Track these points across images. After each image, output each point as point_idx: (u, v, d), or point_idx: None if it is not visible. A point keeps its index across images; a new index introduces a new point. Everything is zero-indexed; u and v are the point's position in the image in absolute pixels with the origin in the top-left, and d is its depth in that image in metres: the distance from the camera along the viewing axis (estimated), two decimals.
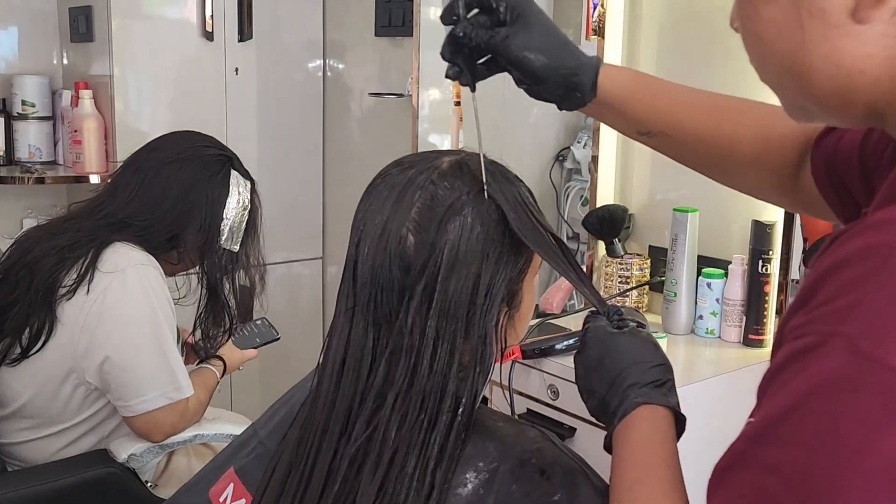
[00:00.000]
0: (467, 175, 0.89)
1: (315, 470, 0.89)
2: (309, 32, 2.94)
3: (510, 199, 0.90)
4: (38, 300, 1.63)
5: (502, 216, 0.88)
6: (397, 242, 0.87)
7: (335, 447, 0.88)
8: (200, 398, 1.75)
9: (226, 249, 1.76)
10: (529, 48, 0.94)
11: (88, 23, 2.61)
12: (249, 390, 2.88)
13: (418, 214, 0.87)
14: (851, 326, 0.54)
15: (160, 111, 2.65)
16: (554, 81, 0.97)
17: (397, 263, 0.87)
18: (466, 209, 0.87)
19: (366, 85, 2.85)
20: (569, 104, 1.00)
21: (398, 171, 0.91)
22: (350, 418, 0.89)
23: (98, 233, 1.67)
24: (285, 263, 2.95)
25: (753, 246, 1.86)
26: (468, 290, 0.86)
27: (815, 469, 0.53)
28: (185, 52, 2.68)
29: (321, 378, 0.92)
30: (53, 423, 1.70)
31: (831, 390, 0.54)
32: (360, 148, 2.93)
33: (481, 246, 0.87)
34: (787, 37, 0.64)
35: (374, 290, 0.88)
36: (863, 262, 0.56)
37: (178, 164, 1.73)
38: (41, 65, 2.80)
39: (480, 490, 0.85)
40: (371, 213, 0.90)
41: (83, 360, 1.63)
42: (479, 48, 0.95)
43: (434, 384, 0.86)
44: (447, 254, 0.86)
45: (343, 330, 0.91)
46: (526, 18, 0.94)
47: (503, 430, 0.90)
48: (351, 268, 0.91)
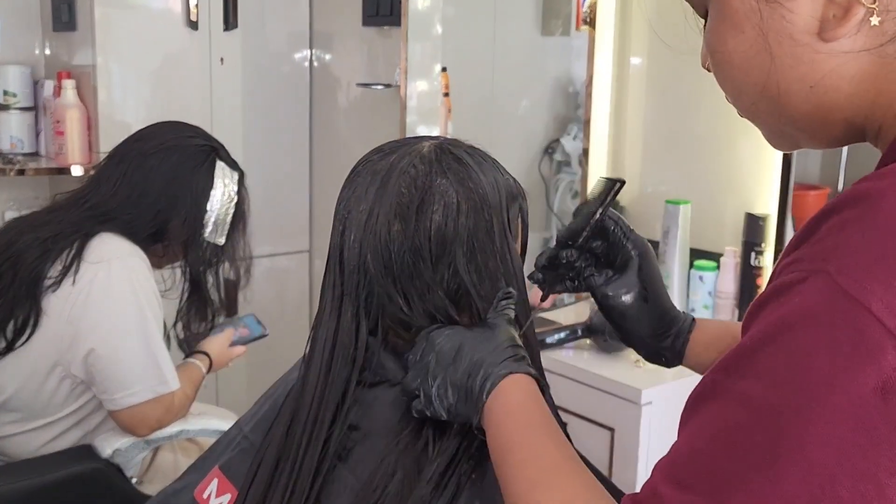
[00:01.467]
0: (448, 157, 0.89)
1: (305, 459, 0.88)
2: (295, 22, 2.91)
3: (489, 188, 0.90)
4: (23, 292, 1.60)
5: (485, 197, 0.88)
6: (385, 228, 0.86)
7: (326, 436, 0.88)
8: (187, 392, 1.73)
9: (210, 242, 1.74)
10: (625, 308, 0.97)
11: (71, 12, 2.57)
12: (236, 385, 2.85)
13: (402, 199, 0.87)
14: (833, 264, 0.55)
15: (144, 101, 2.61)
16: (637, 338, 0.99)
17: (385, 249, 0.86)
18: (450, 191, 0.87)
19: (353, 75, 2.82)
20: (648, 360, 1.02)
21: (379, 157, 0.91)
22: (342, 406, 0.88)
23: (82, 224, 1.64)
24: (271, 256, 2.91)
25: (746, 238, 1.85)
26: (459, 271, 0.86)
27: (783, 401, 0.54)
28: (169, 41, 2.64)
29: (308, 368, 0.92)
30: (38, 416, 1.67)
31: (807, 324, 0.55)
32: (348, 139, 2.90)
33: (468, 226, 0.86)
34: (758, 66, 0.65)
35: (361, 277, 0.88)
36: (851, 206, 0.57)
37: (161, 154, 1.69)
38: (23, 54, 2.75)
39: (473, 475, 0.85)
40: (355, 200, 0.89)
41: (68, 352, 1.60)
42: (576, 277, 0.98)
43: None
44: (434, 236, 0.86)
45: (331, 319, 0.90)
46: (635, 269, 0.96)
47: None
48: (336, 256, 0.90)
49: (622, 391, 1.67)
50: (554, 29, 3.31)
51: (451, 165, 0.88)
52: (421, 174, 0.87)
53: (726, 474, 0.56)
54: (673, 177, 2.08)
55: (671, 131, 2.10)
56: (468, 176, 0.88)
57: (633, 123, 2.16)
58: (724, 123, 1.97)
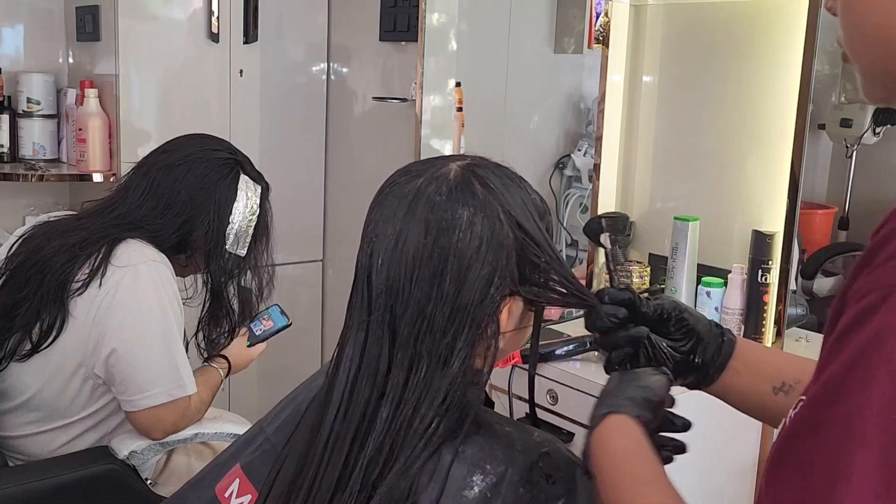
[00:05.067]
0: (475, 181, 0.91)
1: (326, 474, 0.90)
2: (314, 36, 2.95)
3: (518, 209, 0.92)
4: (50, 296, 1.64)
5: (509, 220, 0.90)
6: (411, 253, 0.89)
7: (346, 452, 0.90)
8: (203, 397, 1.76)
9: (232, 253, 1.77)
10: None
11: (95, 22, 2.62)
12: (248, 391, 2.88)
13: (429, 224, 0.89)
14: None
15: (164, 111, 2.67)
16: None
17: (412, 273, 0.89)
18: (476, 218, 0.89)
19: (369, 89, 2.86)
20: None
21: (406, 180, 0.93)
22: (361, 426, 0.90)
23: (109, 231, 1.68)
24: (284, 265, 2.95)
25: (753, 255, 1.87)
26: (481, 296, 0.89)
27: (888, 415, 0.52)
28: (190, 53, 2.69)
29: (332, 386, 0.94)
30: (59, 416, 1.70)
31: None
32: (363, 152, 2.94)
33: (493, 253, 0.89)
34: (881, 14, 0.65)
35: (389, 301, 0.90)
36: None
37: (187, 166, 1.73)
38: (47, 63, 2.81)
39: (487, 493, 0.87)
40: (383, 223, 0.91)
41: (93, 353, 1.64)
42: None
43: (451, 390, 0.88)
44: (459, 262, 0.88)
45: (357, 340, 0.92)
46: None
47: (511, 435, 0.91)
48: (364, 278, 0.92)
49: None
50: (566, 47, 3.35)
51: (477, 190, 0.90)
52: (445, 200, 0.89)
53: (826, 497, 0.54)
54: (682, 193, 2.11)
55: (681, 148, 2.13)
56: (495, 200, 0.90)
57: (644, 140, 2.19)
58: (733, 141, 2.00)
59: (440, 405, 0.88)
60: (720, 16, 2.02)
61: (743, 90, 1.97)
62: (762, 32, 1.93)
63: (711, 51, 2.04)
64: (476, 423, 0.91)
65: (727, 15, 2.00)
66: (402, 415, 0.89)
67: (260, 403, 2.80)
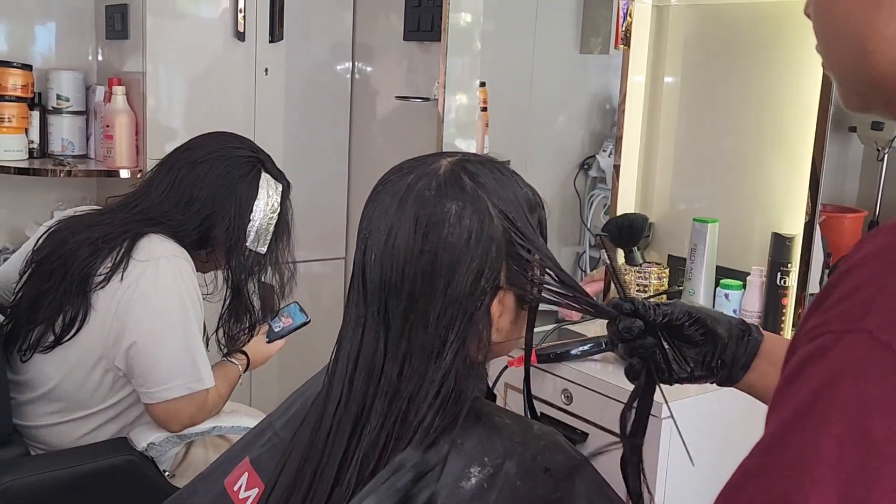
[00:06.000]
0: (464, 176, 0.92)
1: (327, 467, 0.92)
2: (339, 35, 2.97)
3: (508, 203, 0.92)
4: (73, 289, 1.67)
5: (499, 214, 0.91)
6: (402, 248, 0.90)
7: (345, 446, 0.91)
8: (221, 391, 1.78)
9: (252, 250, 1.79)
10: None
11: (124, 21, 2.66)
12: (268, 386, 2.91)
13: (419, 220, 0.90)
14: (870, 322, 0.51)
15: (190, 109, 2.70)
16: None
17: (403, 269, 0.90)
18: (465, 212, 0.90)
19: (393, 88, 2.88)
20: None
21: (398, 177, 0.94)
22: (360, 421, 0.92)
23: (132, 226, 1.71)
24: (308, 262, 2.98)
25: (772, 258, 1.86)
26: (471, 289, 0.89)
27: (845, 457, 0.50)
28: (216, 51, 2.72)
29: (332, 381, 0.95)
30: (80, 407, 1.73)
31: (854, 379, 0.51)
32: (386, 150, 2.95)
33: (482, 246, 0.90)
34: (855, 19, 0.64)
35: (383, 296, 0.91)
36: (875, 261, 0.55)
37: (208, 164, 1.76)
38: (77, 60, 2.86)
39: (484, 484, 0.87)
40: (375, 220, 0.93)
41: (114, 346, 1.67)
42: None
43: (445, 382, 0.89)
44: (449, 256, 0.89)
45: (355, 335, 0.94)
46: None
47: (510, 428, 0.92)
48: (359, 275, 0.94)
49: None
50: (593, 47, 3.34)
51: (466, 185, 0.91)
52: (434, 196, 0.90)
53: None
54: (702, 194, 2.10)
55: (702, 149, 2.12)
56: (484, 194, 0.91)
57: (665, 141, 2.18)
58: (754, 143, 1.99)
59: (434, 397, 0.89)
60: (742, 16, 2.01)
61: (765, 91, 1.96)
62: (784, 33, 1.92)
63: (733, 51, 2.03)
64: (476, 414, 0.91)
65: (749, 15, 1.99)
66: (396, 408, 0.90)
67: (280, 398, 2.78)
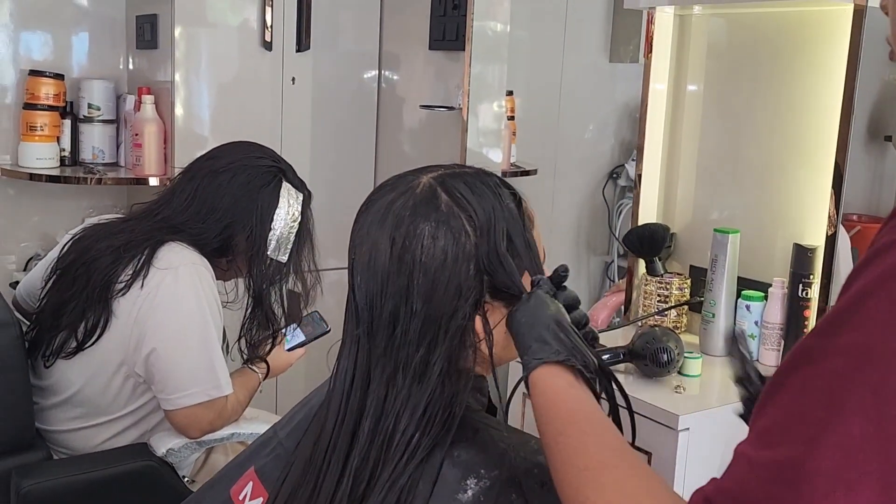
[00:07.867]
0: (440, 195, 0.92)
1: (324, 484, 0.93)
2: (365, 44, 2.99)
3: (485, 218, 0.92)
4: (95, 296, 1.70)
5: (475, 231, 0.91)
6: (381, 268, 0.91)
7: (343, 464, 0.92)
8: (239, 398, 1.80)
9: (273, 259, 1.81)
10: None
11: (154, 30, 2.70)
12: (294, 394, 2.92)
13: (394, 240, 0.90)
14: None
15: (218, 118, 2.73)
16: None
17: (383, 290, 0.91)
18: (438, 231, 0.90)
19: (419, 97, 2.89)
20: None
21: (380, 195, 0.95)
22: (353, 439, 0.92)
23: (153, 234, 1.74)
24: (334, 271, 2.99)
25: (794, 269, 1.84)
26: (452, 308, 0.90)
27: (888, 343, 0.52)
28: (244, 60, 2.75)
29: (331, 397, 0.97)
30: (102, 413, 1.76)
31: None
32: (412, 159, 2.96)
33: (459, 265, 0.90)
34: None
35: (370, 316, 0.92)
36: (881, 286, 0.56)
37: (230, 173, 1.78)
38: (108, 70, 2.91)
39: (481, 497, 0.87)
40: (359, 240, 0.94)
41: (134, 352, 1.69)
42: None
43: (430, 402, 0.89)
44: (425, 276, 0.89)
45: (350, 353, 0.95)
46: None
47: (507, 440, 0.92)
48: (351, 294, 0.95)
49: (660, 416, 1.68)
50: (623, 56, 3.33)
51: (441, 203, 0.91)
52: (409, 216, 0.91)
53: (820, 421, 0.53)
54: (724, 204, 2.08)
55: (724, 158, 2.10)
56: (461, 211, 0.91)
57: (688, 150, 2.16)
58: (776, 152, 1.97)
59: (420, 418, 0.89)
60: (765, 25, 1.99)
61: (787, 100, 1.94)
62: (807, 42, 1.90)
63: (756, 60, 2.01)
64: (473, 428, 0.92)
65: (772, 24, 1.97)
66: (383, 429, 0.90)
67: None
